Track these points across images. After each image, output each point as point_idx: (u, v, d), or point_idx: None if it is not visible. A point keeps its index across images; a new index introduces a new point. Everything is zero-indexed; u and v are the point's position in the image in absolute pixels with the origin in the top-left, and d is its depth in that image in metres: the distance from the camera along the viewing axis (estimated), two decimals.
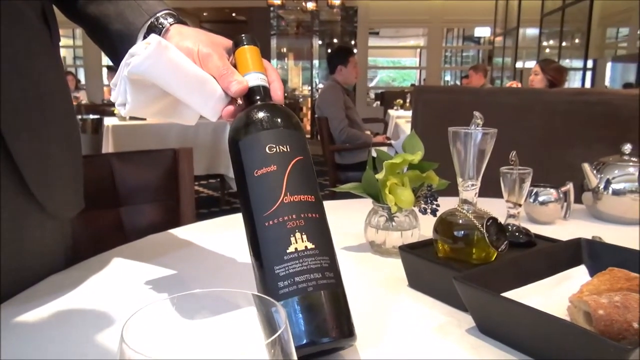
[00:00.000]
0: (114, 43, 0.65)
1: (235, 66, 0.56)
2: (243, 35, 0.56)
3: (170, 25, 0.60)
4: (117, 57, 0.62)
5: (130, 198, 1.14)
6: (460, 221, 0.62)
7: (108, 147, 3.32)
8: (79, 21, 0.69)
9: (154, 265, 0.71)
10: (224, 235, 0.85)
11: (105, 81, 8.84)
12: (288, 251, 0.44)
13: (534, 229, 0.76)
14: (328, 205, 1.09)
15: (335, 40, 10.25)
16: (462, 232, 0.61)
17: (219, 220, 0.95)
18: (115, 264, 0.72)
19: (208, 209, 4.24)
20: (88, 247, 0.80)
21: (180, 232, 0.88)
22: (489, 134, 0.60)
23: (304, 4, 7.43)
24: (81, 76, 9.39)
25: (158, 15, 0.61)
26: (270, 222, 0.45)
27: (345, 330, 0.44)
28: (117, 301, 0.61)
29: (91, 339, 0.51)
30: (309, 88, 10.52)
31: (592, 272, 0.60)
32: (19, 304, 0.58)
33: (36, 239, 0.65)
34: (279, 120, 0.50)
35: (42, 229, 0.65)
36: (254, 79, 0.54)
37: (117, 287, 0.65)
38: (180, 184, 1.20)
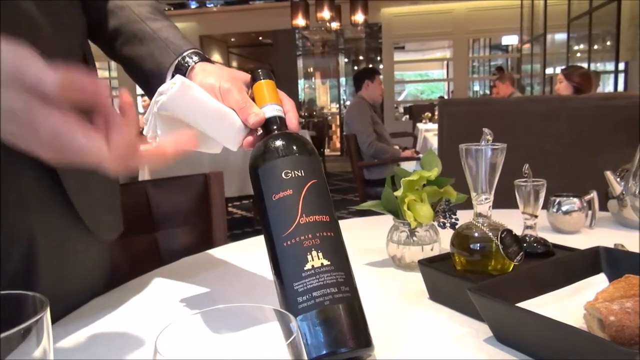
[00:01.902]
0: (147, 79, 0.72)
1: (253, 99, 0.61)
2: (259, 70, 0.62)
3: (195, 63, 0.66)
4: (149, 91, 0.69)
5: (165, 222, 1.20)
6: (476, 234, 0.64)
7: (144, 172, 3.45)
8: (117, 60, 0.77)
9: (188, 285, 0.76)
10: (253, 256, 0.89)
11: (140, 109, 9.19)
12: (305, 268, 0.47)
13: (559, 238, 0.77)
14: (352, 222, 1.13)
15: (360, 57, 10.35)
16: (478, 245, 0.64)
17: (248, 241, 0.99)
18: (152, 285, 0.77)
19: (241, 229, 4.32)
20: (127, 270, 0.85)
21: (213, 253, 0.92)
22: (498, 149, 0.62)
23: (328, 23, 7.56)
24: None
25: (184, 54, 0.68)
26: (289, 242, 0.49)
27: (362, 340, 0.47)
28: (154, 320, 0.65)
29: (131, 355, 0.55)
30: (337, 105, 10.62)
31: (612, 280, 0.60)
32: (65, 326, 0.64)
33: (80, 264, 0.70)
34: (294, 147, 0.54)
35: (85, 254, 0.71)
36: (271, 110, 0.59)
37: (154, 307, 0.70)
38: (212, 206, 1.26)
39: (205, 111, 0.58)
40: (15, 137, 0.39)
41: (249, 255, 0.90)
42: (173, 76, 0.66)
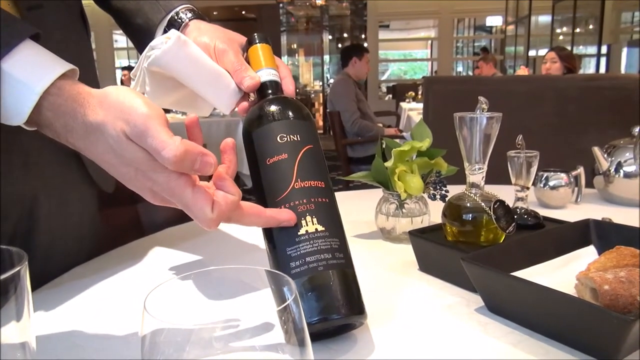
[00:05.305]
0: (136, 35, 0.69)
1: (248, 62, 0.59)
2: (256, 34, 0.59)
3: (190, 20, 0.64)
4: (140, 46, 0.67)
5: None
6: (468, 204, 0.63)
7: None
8: (107, 11, 0.74)
9: (175, 252, 0.74)
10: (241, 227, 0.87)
11: (119, 83, 8.98)
12: (299, 233, 0.46)
13: (545, 213, 0.77)
14: (340, 195, 1.11)
15: (345, 35, 10.22)
16: (470, 215, 0.63)
17: None
18: (136, 254, 0.75)
19: None
20: (108, 244, 0.83)
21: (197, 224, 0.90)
22: (494, 119, 0.61)
23: None
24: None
25: (178, 9, 0.65)
26: (282, 207, 0.47)
27: (356, 308, 0.46)
28: (141, 285, 0.63)
29: (120, 318, 0.53)
30: (320, 83, 10.51)
31: (601, 252, 0.60)
32: (46, 291, 0.61)
33: (76, 225, 0.71)
34: (290, 111, 0.52)
35: (81, 215, 0.71)
36: (266, 75, 0.57)
37: (140, 274, 0.67)
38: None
39: (200, 69, 0.56)
40: (128, 182, 0.44)
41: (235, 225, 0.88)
42: (165, 32, 0.63)
